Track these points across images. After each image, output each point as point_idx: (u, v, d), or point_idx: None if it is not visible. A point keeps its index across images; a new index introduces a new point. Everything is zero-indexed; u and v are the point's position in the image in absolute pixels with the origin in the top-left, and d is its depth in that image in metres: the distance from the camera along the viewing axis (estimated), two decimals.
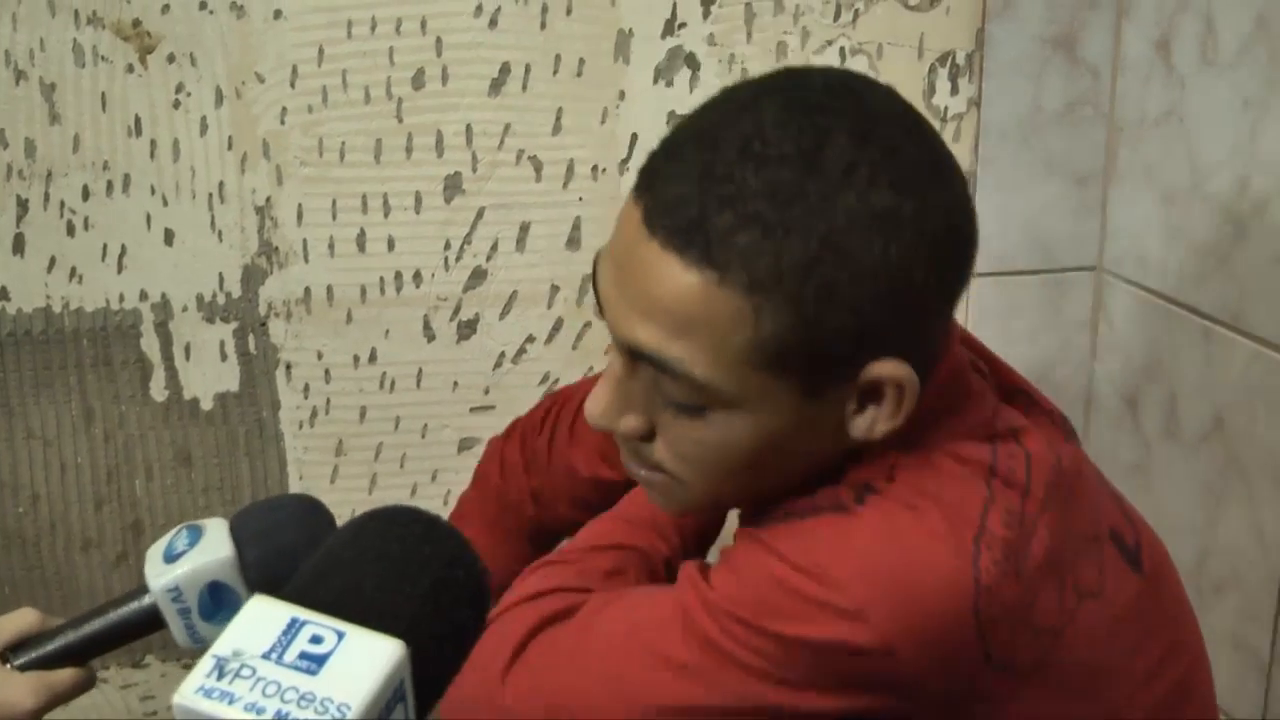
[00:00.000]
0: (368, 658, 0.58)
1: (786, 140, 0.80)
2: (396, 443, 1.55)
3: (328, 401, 1.52)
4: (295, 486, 1.53)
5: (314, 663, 0.58)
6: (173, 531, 0.89)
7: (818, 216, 0.79)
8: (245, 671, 0.57)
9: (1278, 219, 1.27)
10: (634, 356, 0.86)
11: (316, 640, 0.59)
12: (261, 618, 0.60)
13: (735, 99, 0.85)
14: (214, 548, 0.87)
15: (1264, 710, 1.34)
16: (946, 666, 0.83)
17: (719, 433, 0.86)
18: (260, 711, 0.56)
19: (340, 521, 0.91)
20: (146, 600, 0.86)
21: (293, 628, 0.59)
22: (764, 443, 0.86)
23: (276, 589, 0.85)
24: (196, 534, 0.88)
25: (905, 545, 0.83)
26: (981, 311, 1.60)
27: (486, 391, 1.54)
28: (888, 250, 0.80)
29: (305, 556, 0.87)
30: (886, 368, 0.84)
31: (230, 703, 0.56)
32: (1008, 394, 1.00)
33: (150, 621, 0.87)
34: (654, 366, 0.84)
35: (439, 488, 1.56)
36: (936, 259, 0.83)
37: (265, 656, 0.58)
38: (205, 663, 0.58)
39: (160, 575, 0.86)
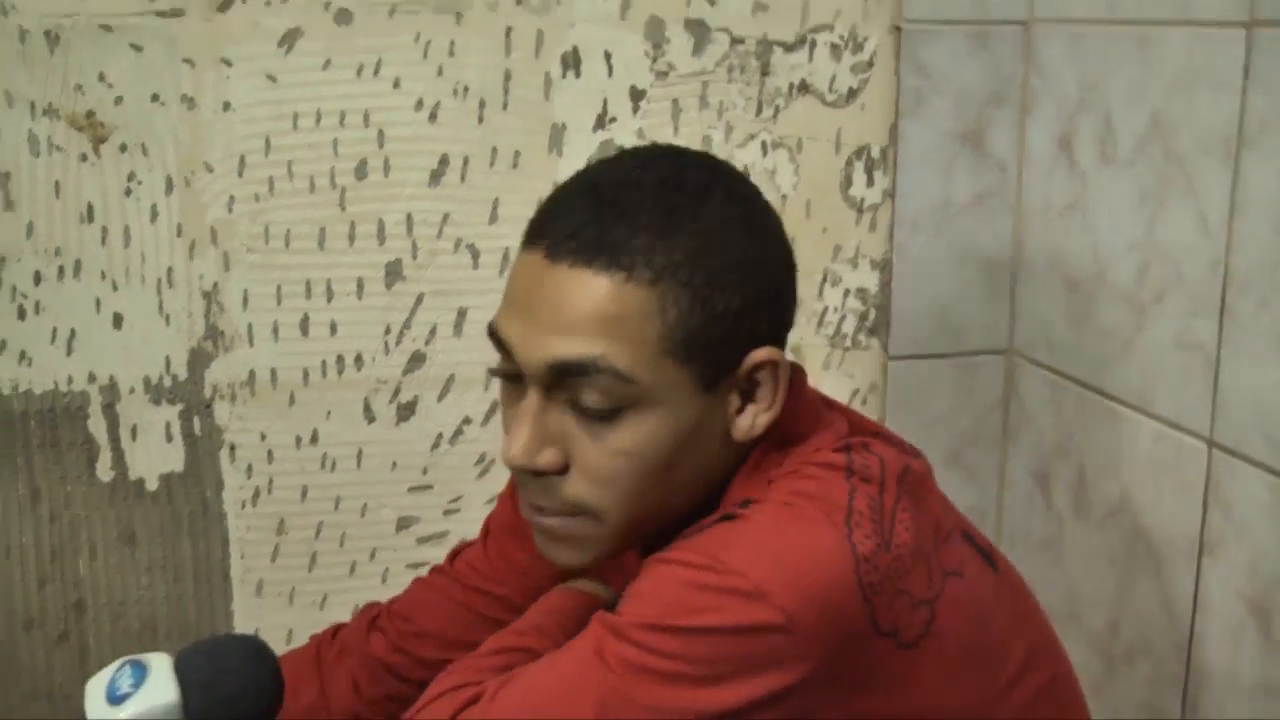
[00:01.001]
0: None
1: (652, 175, 0.99)
2: (336, 522, 1.56)
3: (270, 481, 1.53)
4: (236, 566, 1.54)
5: None
6: (114, 666, 0.90)
7: (692, 219, 0.96)
8: None
9: (1177, 306, 1.33)
10: (555, 376, 0.95)
11: None
12: None
13: (598, 163, 1.05)
14: (159, 691, 0.88)
15: None
16: (842, 632, 0.90)
17: (634, 436, 0.96)
18: None
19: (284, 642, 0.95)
20: None
21: None
22: (672, 443, 0.97)
23: None
24: (141, 673, 0.88)
25: (788, 532, 0.92)
26: (897, 393, 1.64)
27: (425, 471, 1.57)
28: (751, 247, 0.99)
29: (247, 705, 0.91)
30: (763, 353, 0.99)
31: None
32: (864, 432, 1.08)
33: None
34: (578, 374, 0.95)
35: (377, 565, 1.58)
36: (785, 261, 1.04)
37: None
38: None
39: (103, 716, 0.86)
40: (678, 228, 0.96)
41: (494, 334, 1.00)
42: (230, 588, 1.55)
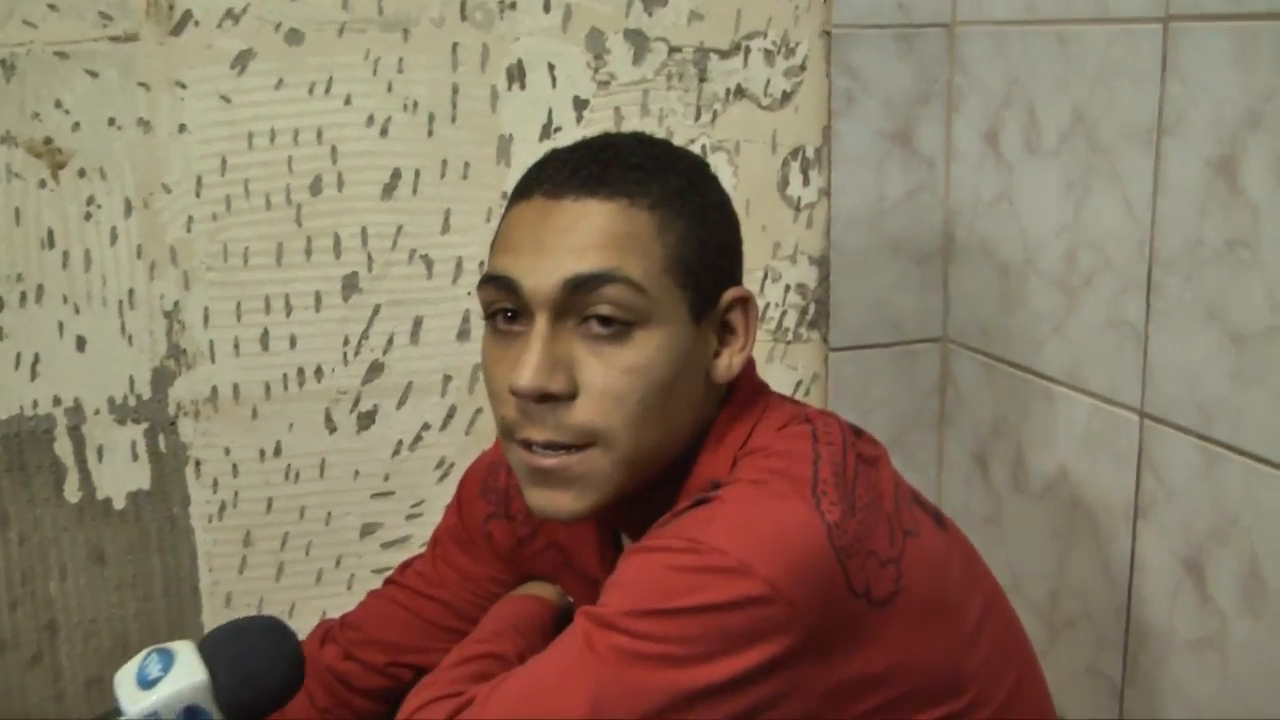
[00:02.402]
0: None
1: (624, 139, 1.09)
2: (302, 531, 1.57)
3: (236, 495, 1.54)
4: (205, 579, 1.54)
5: None
6: (141, 655, 0.91)
7: (676, 161, 1.06)
8: None
9: (1105, 287, 1.38)
10: (569, 293, 0.99)
11: None
12: None
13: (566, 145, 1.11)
14: (189, 673, 0.90)
15: None
16: (822, 597, 0.93)
17: (643, 353, 1.00)
18: None
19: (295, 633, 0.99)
20: None
21: None
22: (672, 366, 1.01)
23: (248, 711, 0.92)
24: (168, 659, 0.90)
25: (762, 509, 0.96)
26: (839, 383, 1.68)
27: (386, 478, 1.58)
28: (723, 194, 1.09)
29: (274, 677, 0.94)
30: (738, 290, 1.06)
31: None
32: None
33: None
34: (594, 287, 0.98)
35: (343, 573, 1.59)
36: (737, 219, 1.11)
37: None
38: None
39: (137, 701, 0.88)
40: (666, 167, 1.04)
41: (492, 277, 1.02)
42: (200, 601, 1.55)
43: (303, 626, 1.33)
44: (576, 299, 0.99)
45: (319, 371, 1.54)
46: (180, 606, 1.55)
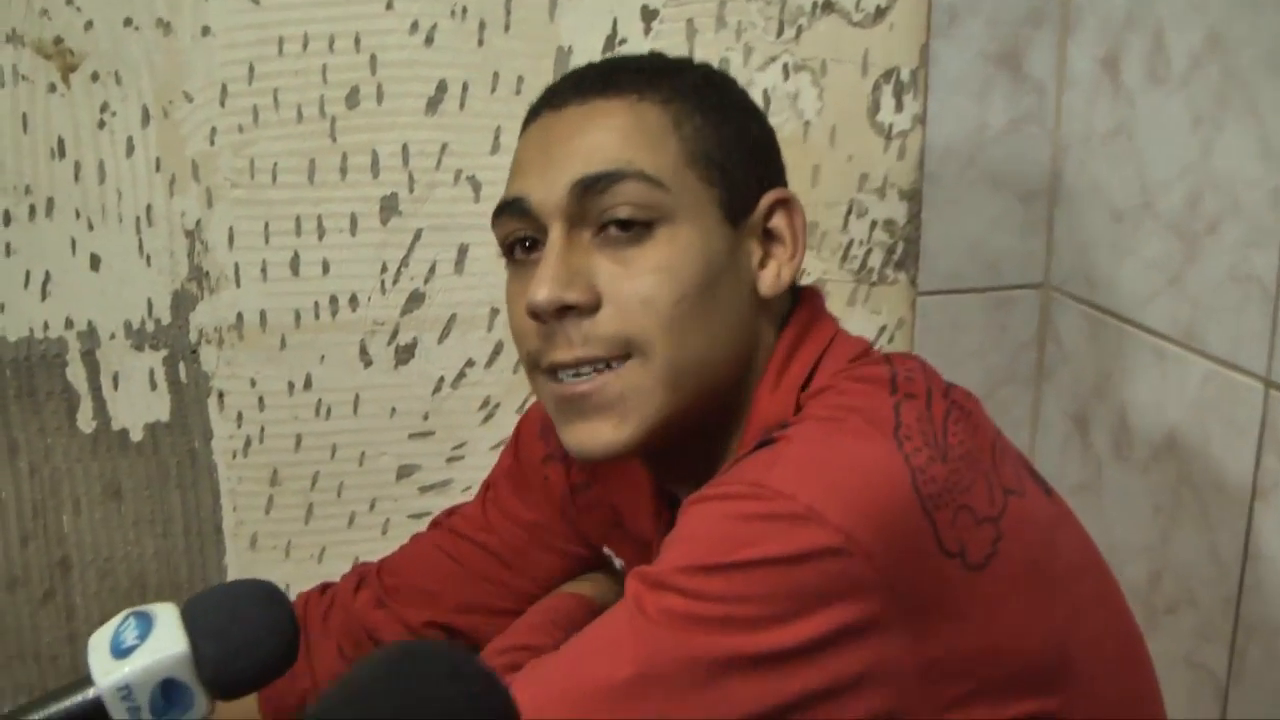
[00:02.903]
0: None
1: (632, 57, 1.09)
2: (333, 471, 1.52)
3: (262, 430, 1.50)
4: (229, 519, 1.51)
5: None
6: (119, 619, 0.84)
7: (689, 64, 1.06)
8: None
9: (1232, 236, 1.28)
10: (581, 196, 0.94)
11: None
12: None
13: None
14: (167, 643, 0.82)
15: None
16: (907, 553, 0.84)
17: (668, 250, 0.94)
18: None
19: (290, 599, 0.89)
20: (91, 694, 0.81)
21: None
22: (705, 265, 0.95)
23: (232, 687, 0.83)
24: (146, 624, 0.83)
25: (835, 447, 0.88)
26: (926, 330, 1.61)
27: (425, 417, 1.53)
28: (746, 97, 1.05)
29: (263, 651, 0.85)
30: (778, 191, 1.01)
31: None
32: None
33: (94, 718, 0.81)
34: (606, 187, 0.94)
35: (377, 516, 1.54)
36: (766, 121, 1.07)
37: None
38: None
39: (109, 672, 0.81)
40: (679, 68, 1.03)
41: (505, 206, 0.99)
42: (223, 541, 1.53)
43: (333, 572, 1.33)
44: (589, 204, 0.95)
45: (354, 300, 1.48)
46: (202, 547, 1.52)
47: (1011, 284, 1.61)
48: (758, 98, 1.46)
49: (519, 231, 0.98)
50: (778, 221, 1.01)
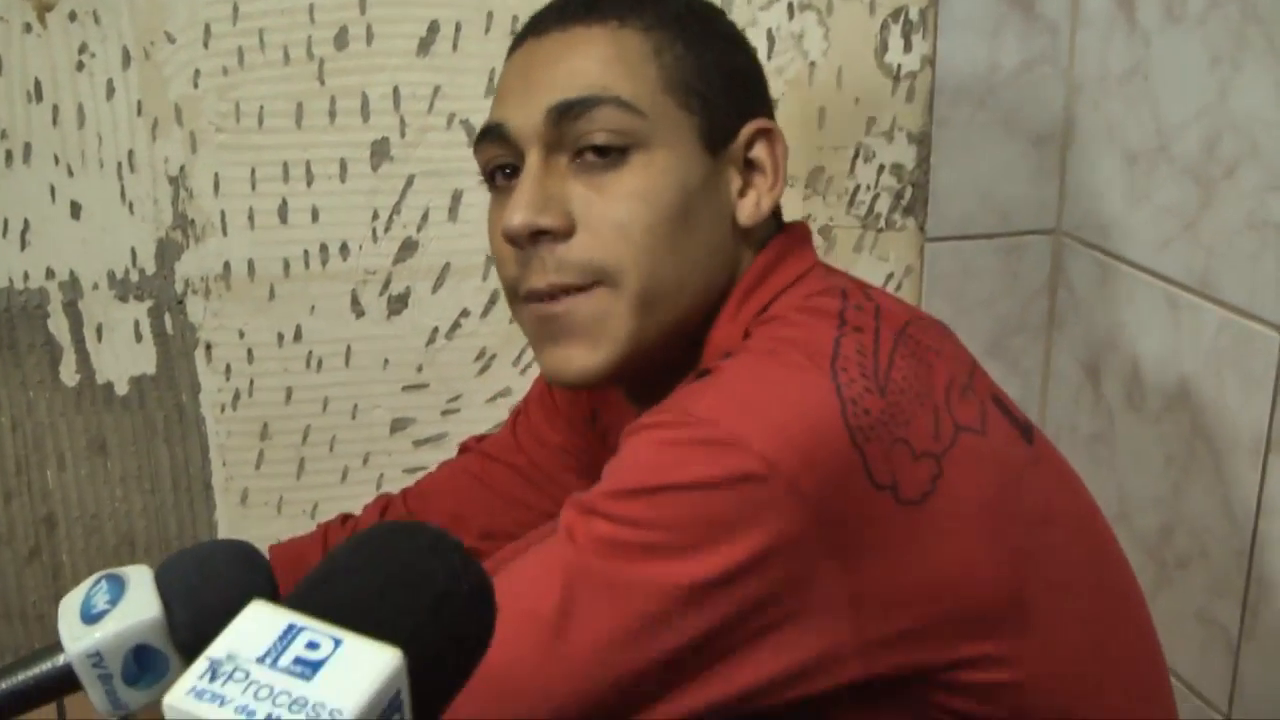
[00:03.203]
0: (364, 666, 0.57)
1: None
2: (325, 425, 1.50)
3: (251, 383, 1.47)
4: (218, 474, 1.48)
5: (309, 668, 0.57)
6: (90, 582, 0.82)
7: None
8: (238, 675, 0.57)
9: (1250, 181, 1.26)
10: (557, 121, 0.94)
11: (313, 646, 0.58)
12: (258, 622, 0.60)
13: None
14: (140, 607, 0.80)
15: (1232, 687, 1.34)
16: (832, 483, 0.84)
17: (644, 176, 0.95)
18: (251, 714, 0.55)
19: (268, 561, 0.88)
20: (61, 661, 0.78)
21: (289, 633, 0.59)
22: (681, 192, 0.95)
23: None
24: (118, 588, 0.81)
25: (766, 378, 0.88)
26: (936, 276, 1.59)
27: (419, 369, 1.50)
28: (733, 27, 1.05)
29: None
30: (759, 121, 1.00)
31: (221, 704, 0.56)
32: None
33: (65, 685, 0.79)
34: (582, 112, 0.94)
35: (371, 471, 1.52)
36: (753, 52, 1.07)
37: (260, 660, 0.58)
38: (199, 665, 0.58)
39: (79, 638, 0.79)
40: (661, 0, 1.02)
41: (485, 132, 0.99)
42: (212, 497, 1.50)
43: None
44: (565, 129, 0.95)
45: (344, 249, 1.45)
46: (191, 503, 1.49)
47: (1022, 230, 1.59)
48: (761, 37, 1.43)
49: (499, 158, 0.99)
50: (759, 151, 1.01)
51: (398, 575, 0.64)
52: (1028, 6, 1.50)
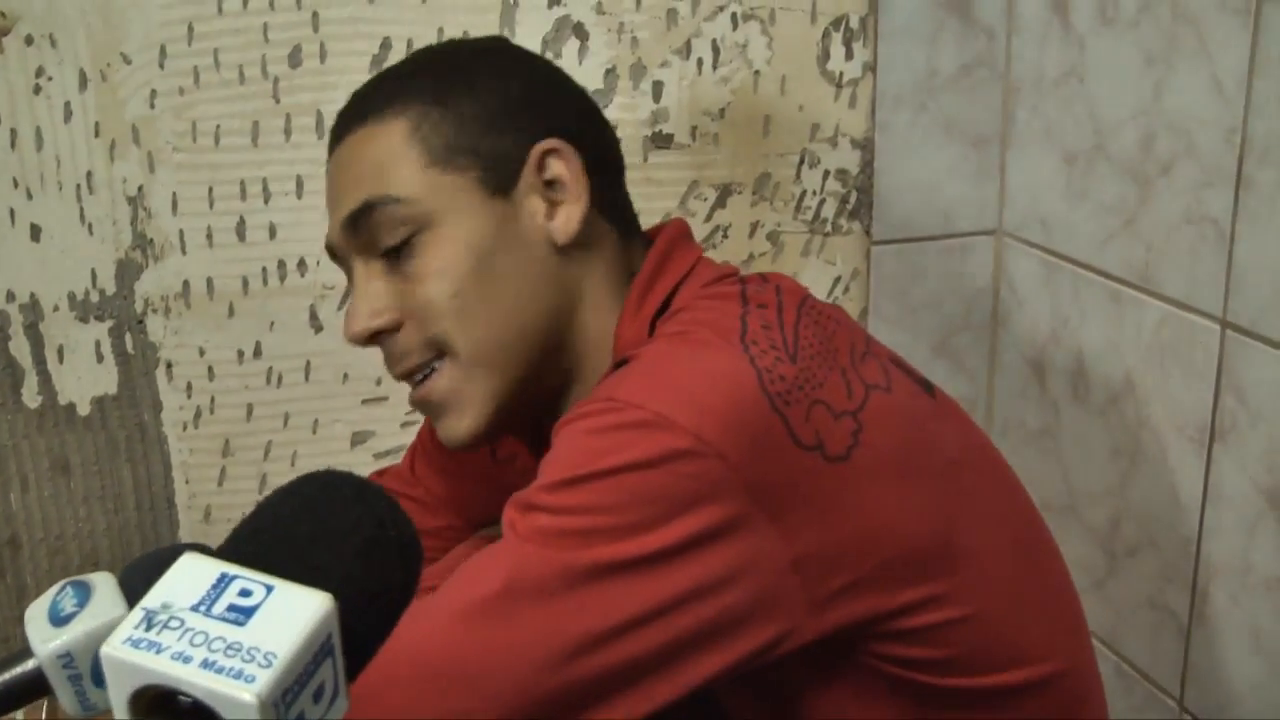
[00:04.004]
0: (296, 611, 0.59)
1: (389, 68, 1.11)
2: (286, 440, 1.50)
3: (212, 400, 1.46)
4: (181, 492, 1.47)
5: (242, 615, 0.59)
6: (55, 589, 0.81)
7: (433, 56, 1.09)
8: (174, 623, 0.59)
9: (1186, 177, 1.28)
10: (351, 233, 1.01)
11: (245, 594, 0.60)
12: (191, 572, 0.61)
13: None
14: (107, 608, 0.79)
15: (1184, 673, 1.35)
16: (759, 448, 0.87)
17: (434, 254, 0.99)
18: (187, 659, 0.57)
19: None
20: (31, 665, 0.77)
21: (222, 582, 0.60)
22: (471, 252, 0.99)
23: None
24: (84, 592, 0.81)
25: (680, 357, 0.92)
26: (882, 278, 1.60)
27: (379, 382, 1.50)
28: (502, 59, 1.07)
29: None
30: (546, 143, 1.02)
31: (158, 652, 0.57)
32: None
33: (35, 688, 0.78)
34: (366, 219, 0.99)
35: None
36: (551, 76, 1.10)
37: (194, 609, 0.59)
38: (134, 615, 0.59)
39: (49, 640, 0.77)
40: (416, 64, 1.08)
41: (326, 248, 1.06)
42: (175, 515, 1.49)
43: None
44: (362, 238, 1.01)
45: (302, 264, 1.44)
46: (155, 521, 1.49)
47: (966, 231, 1.61)
48: (706, 48, 1.44)
49: (342, 267, 1.06)
50: (555, 170, 1.03)
51: (326, 523, 0.65)
52: (965, 12, 1.52)
